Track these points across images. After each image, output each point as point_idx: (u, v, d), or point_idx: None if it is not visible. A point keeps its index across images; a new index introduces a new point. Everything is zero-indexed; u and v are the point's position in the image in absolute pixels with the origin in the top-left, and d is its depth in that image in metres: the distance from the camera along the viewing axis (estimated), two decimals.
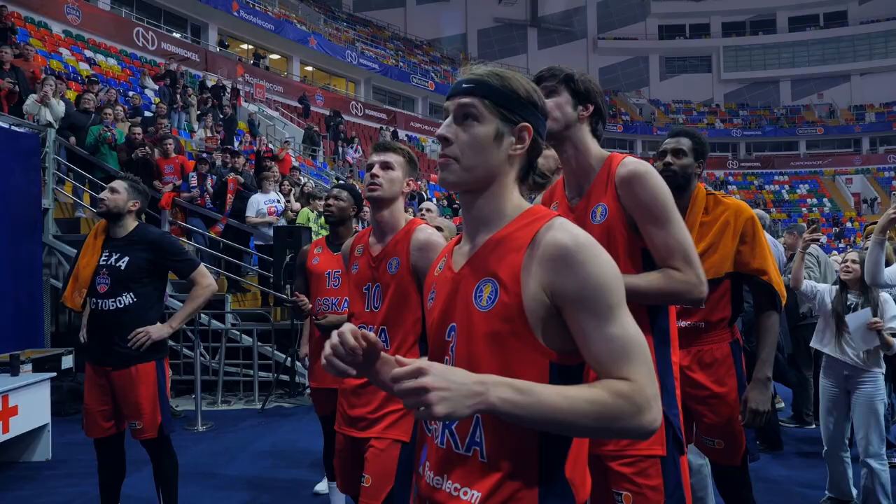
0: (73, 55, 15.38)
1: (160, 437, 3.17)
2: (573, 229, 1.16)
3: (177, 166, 8.36)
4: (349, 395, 2.34)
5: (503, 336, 1.15)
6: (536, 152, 1.27)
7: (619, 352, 1.10)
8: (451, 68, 38.03)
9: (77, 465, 4.91)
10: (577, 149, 1.88)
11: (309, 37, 28.27)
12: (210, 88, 16.62)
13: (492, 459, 1.17)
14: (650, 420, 1.09)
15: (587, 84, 1.88)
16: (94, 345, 3.18)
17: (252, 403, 7.07)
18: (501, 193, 1.24)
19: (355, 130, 25.89)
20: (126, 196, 3.22)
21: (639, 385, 1.09)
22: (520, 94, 1.23)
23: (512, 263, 1.17)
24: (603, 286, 1.11)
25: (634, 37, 42.89)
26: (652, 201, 1.77)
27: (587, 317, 1.11)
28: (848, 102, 41.25)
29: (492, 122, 1.21)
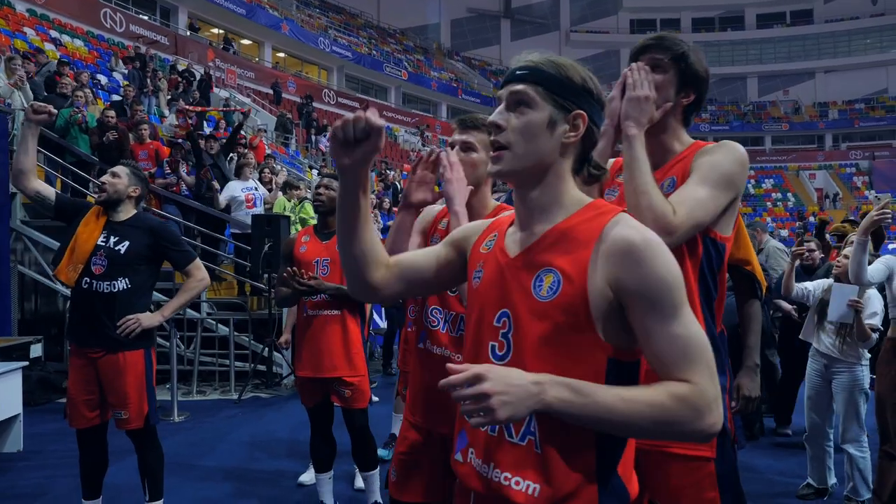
0: (38, 35, 14.91)
1: (146, 427, 3.11)
2: (639, 225, 1.15)
3: (151, 152, 8.18)
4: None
5: (563, 328, 1.13)
6: (591, 142, 1.24)
7: (681, 352, 1.09)
8: (423, 58, 37.85)
9: (50, 456, 4.79)
10: (665, 131, 1.75)
11: (281, 22, 27.85)
12: (181, 73, 16.27)
13: (546, 450, 1.15)
14: (710, 424, 1.07)
15: (698, 69, 1.71)
16: (81, 325, 3.09)
17: (228, 394, 6.98)
18: (557, 184, 1.22)
19: (328, 119, 25.60)
20: (127, 181, 3.15)
21: (699, 388, 1.07)
22: (574, 80, 1.21)
23: (578, 256, 1.15)
24: (668, 284, 1.10)
25: (606, 30, 43.17)
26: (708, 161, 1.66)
27: (651, 314, 1.10)
28: (812, 99, 42.17)
29: (545, 109, 1.19)
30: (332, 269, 3.42)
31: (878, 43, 40.75)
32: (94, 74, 14.03)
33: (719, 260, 1.73)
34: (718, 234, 1.71)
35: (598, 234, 1.14)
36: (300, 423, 5.65)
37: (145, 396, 3.08)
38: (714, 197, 1.63)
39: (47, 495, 4.03)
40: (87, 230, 3.11)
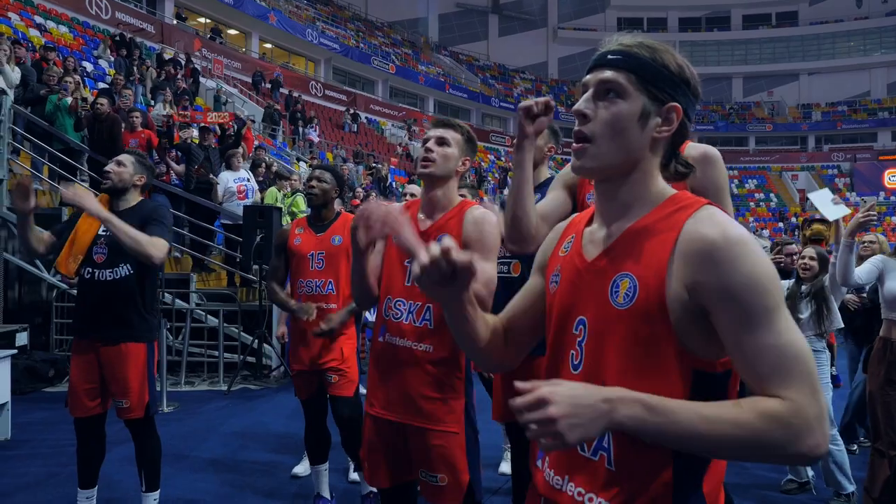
0: (23, 20, 14.68)
1: (146, 417, 3.09)
2: (722, 220, 1.03)
3: (142, 140, 8.09)
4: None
5: (641, 338, 1.04)
6: (682, 136, 1.13)
7: (774, 364, 0.96)
8: (411, 52, 37.73)
9: (39, 445, 4.75)
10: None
11: (269, 13, 27.60)
12: (168, 61, 16.10)
13: (620, 467, 1.06)
14: (811, 446, 0.94)
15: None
16: (86, 316, 3.06)
17: (217, 385, 6.95)
18: (644, 181, 1.12)
19: (315, 111, 25.46)
20: (132, 170, 3.12)
21: (797, 405, 0.94)
22: (671, 69, 1.10)
23: (655, 258, 1.05)
24: (755, 287, 0.98)
25: (594, 28, 43.28)
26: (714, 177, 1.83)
27: (736, 322, 0.98)
28: (796, 101, 42.60)
29: (637, 100, 1.08)
30: (326, 263, 3.40)
31: (861, 46, 41.25)
32: (80, 62, 13.85)
33: None
34: None
35: (677, 233, 1.04)
36: (290, 414, 5.65)
37: (146, 386, 3.06)
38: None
39: (37, 484, 3.99)
40: (87, 221, 3.08)
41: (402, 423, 2.12)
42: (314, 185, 3.42)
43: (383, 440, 2.17)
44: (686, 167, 1.16)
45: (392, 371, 2.14)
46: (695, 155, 1.83)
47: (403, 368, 2.11)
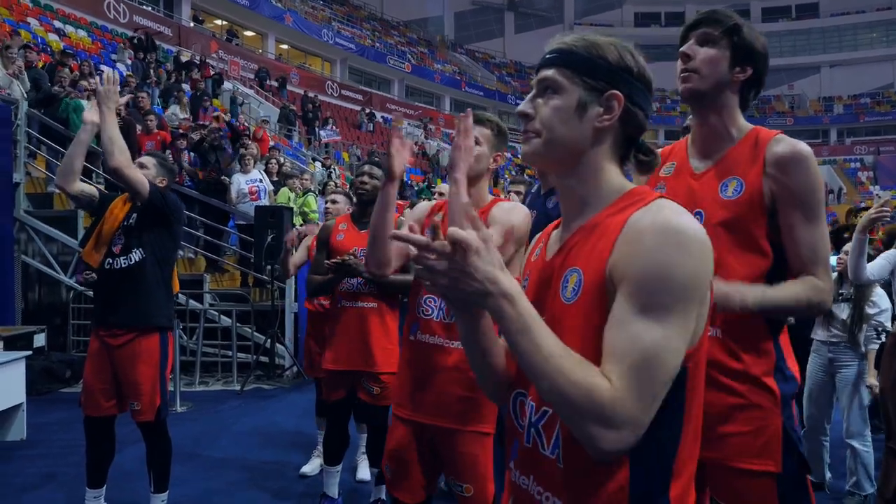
0: (42, 25, 14.90)
1: (156, 420, 3.11)
2: (668, 212, 1.00)
3: (157, 143, 8.17)
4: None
5: (589, 330, 1.02)
6: (635, 125, 1.12)
7: (626, 351, 0.95)
8: (427, 50, 37.75)
9: (53, 445, 4.81)
10: (720, 116, 1.62)
11: (284, 14, 27.76)
12: (186, 64, 16.25)
13: (569, 466, 1.04)
14: (610, 439, 0.93)
15: (754, 42, 1.59)
16: (102, 305, 3.12)
17: (230, 384, 7.00)
18: (593, 173, 1.12)
19: (331, 111, 25.56)
20: (154, 172, 3.17)
21: (619, 399, 0.93)
22: (609, 59, 1.10)
23: (598, 250, 1.04)
24: (654, 278, 0.96)
25: (610, 23, 42.98)
26: (811, 190, 1.54)
27: (626, 301, 0.97)
28: (817, 94, 41.99)
29: (573, 93, 1.10)
30: None
31: (884, 37, 40.53)
32: (98, 65, 14.02)
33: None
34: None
35: (622, 225, 1.03)
36: (302, 414, 5.67)
37: (158, 389, 3.08)
38: (825, 227, 1.57)
39: (50, 483, 4.05)
40: (112, 215, 3.14)
41: (432, 425, 2.05)
42: (366, 182, 3.28)
43: (413, 446, 2.09)
44: (647, 155, 1.15)
45: (423, 370, 2.08)
46: (780, 152, 1.57)
47: (435, 367, 2.05)
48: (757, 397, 1.56)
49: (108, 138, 2.87)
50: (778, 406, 1.56)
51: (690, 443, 1.06)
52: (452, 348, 2.04)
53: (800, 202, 1.54)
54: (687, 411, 1.04)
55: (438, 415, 2.04)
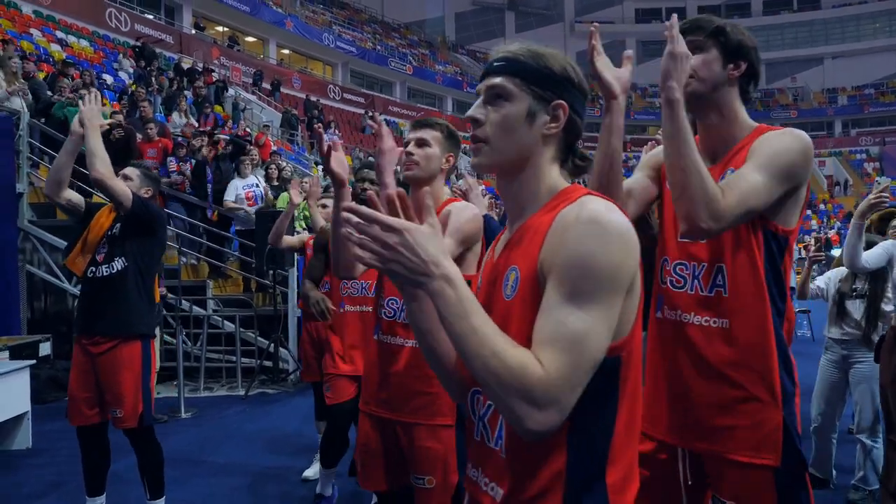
0: (44, 36, 14.99)
1: (140, 427, 3.13)
2: (591, 206, 1.06)
3: (159, 150, 8.22)
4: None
5: (526, 325, 1.06)
6: (575, 133, 1.18)
7: (552, 335, 1.00)
8: (428, 52, 37.77)
9: (58, 454, 4.84)
10: (722, 115, 1.66)
11: (285, 19, 27.85)
12: (187, 71, 16.32)
13: (511, 454, 1.10)
14: (537, 419, 0.97)
15: (740, 38, 1.65)
16: (84, 313, 3.16)
17: (235, 390, 7.03)
18: (536, 176, 1.17)
19: (333, 115, 25.62)
20: (139, 183, 3.21)
21: (547, 378, 0.97)
22: (554, 69, 1.16)
23: (532, 247, 1.10)
24: (577, 266, 1.01)
25: (611, 20, 42.89)
26: (770, 147, 1.56)
27: (553, 290, 1.02)
28: (821, 86, 41.77)
29: (523, 101, 1.15)
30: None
31: (887, 27, 40.30)
32: (100, 74, 14.10)
33: (781, 253, 1.62)
34: (780, 226, 1.61)
35: (552, 220, 1.09)
36: (304, 418, 5.68)
37: (140, 396, 3.11)
38: (768, 186, 1.53)
39: (55, 492, 4.08)
40: (98, 223, 3.20)
41: (395, 420, 2.15)
42: (367, 189, 3.24)
43: (379, 440, 2.20)
44: (583, 160, 1.21)
45: (384, 369, 2.17)
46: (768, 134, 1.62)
47: (394, 365, 2.14)
48: (758, 390, 1.57)
49: (90, 151, 2.93)
50: (779, 401, 1.58)
51: (626, 430, 1.11)
52: (409, 347, 2.11)
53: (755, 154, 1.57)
54: (621, 399, 1.09)
55: (397, 410, 2.14)
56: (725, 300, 1.60)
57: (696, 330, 1.62)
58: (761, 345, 1.58)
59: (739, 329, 1.59)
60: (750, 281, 1.59)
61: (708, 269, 1.63)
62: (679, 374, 1.65)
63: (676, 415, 1.66)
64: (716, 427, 1.58)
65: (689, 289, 1.65)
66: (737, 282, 1.59)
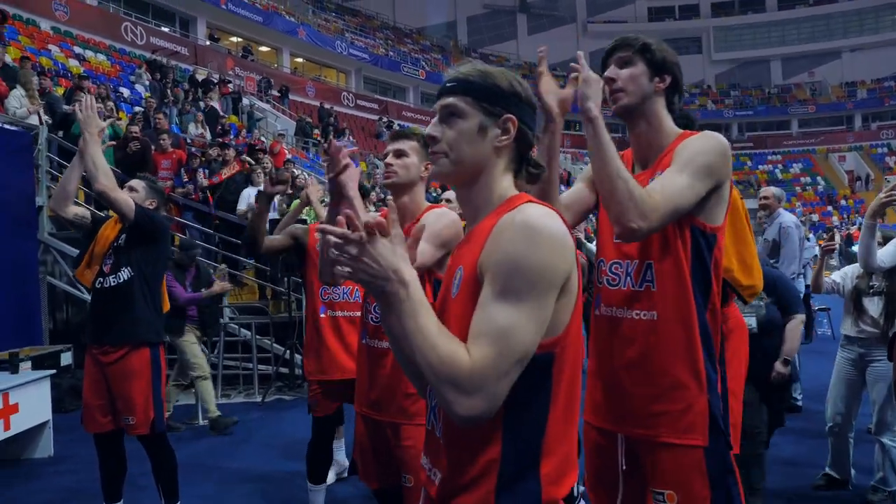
0: (62, 52, 15.27)
1: (152, 433, 3.18)
2: (528, 210, 1.15)
3: (174, 161, 8.34)
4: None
5: (466, 321, 1.15)
6: (525, 143, 1.28)
7: (482, 329, 1.10)
8: (441, 56, 37.87)
9: (78, 462, 4.92)
10: (650, 124, 1.80)
11: (298, 28, 28.09)
12: (202, 82, 16.53)
13: (448, 438, 1.19)
14: (465, 405, 1.07)
15: (664, 54, 1.78)
16: (93, 323, 3.23)
17: (252, 396, 7.09)
18: (489, 185, 1.27)
19: (348, 121, 25.77)
20: (144, 195, 3.28)
21: (474, 367, 1.07)
22: (502, 87, 1.26)
23: (474, 251, 1.20)
24: (508, 265, 1.11)
25: (624, 20, 42.72)
26: (688, 150, 1.69)
27: (486, 287, 1.12)
28: (839, 79, 41.23)
29: (475, 117, 1.25)
30: None
31: None
32: (117, 87, 14.33)
33: (709, 250, 1.74)
34: (707, 224, 1.73)
35: (493, 226, 1.18)
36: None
37: (151, 403, 3.16)
38: (691, 185, 1.66)
39: (75, 499, 4.16)
40: (104, 235, 3.28)
41: (384, 420, 2.25)
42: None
43: (371, 439, 2.30)
44: (536, 168, 1.31)
45: (372, 371, 2.27)
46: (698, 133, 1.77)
47: (381, 368, 2.24)
48: (684, 377, 1.70)
49: (91, 163, 2.96)
50: (704, 386, 1.70)
51: (561, 423, 1.17)
52: None
53: (676, 158, 1.70)
54: (554, 394, 1.17)
55: (385, 411, 2.24)
56: (654, 294, 1.73)
57: (629, 323, 1.76)
58: (686, 335, 1.70)
59: (666, 321, 1.71)
60: (675, 276, 1.71)
61: (639, 265, 1.76)
62: (614, 365, 1.78)
63: (614, 404, 1.79)
64: (649, 413, 1.71)
65: (622, 285, 1.79)
66: (664, 277, 1.72)
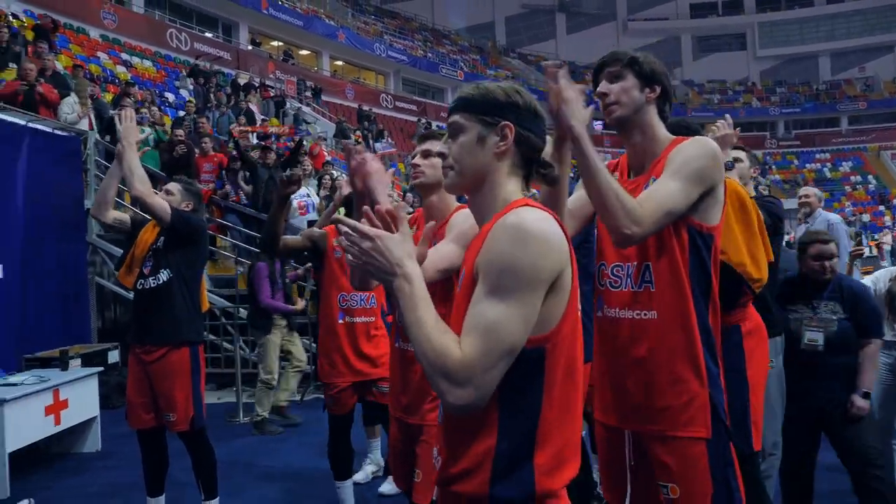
0: (111, 59, 15.74)
1: (192, 430, 3.27)
2: (521, 213, 1.22)
3: (215, 164, 8.52)
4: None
5: (464, 315, 1.24)
6: (529, 146, 1.36)
7: (472, 324, 1.18)
8: (479, 57, 37.86)
9: (124, 457, 5.06)
10: (644, 133, 1.88)
11: (337, 31, 28.41)
12: (244, 86, 16.85)
13: (447, 425, 1.27)
14: (457, 395, 1.16)
15: (652, 65, 1.87)
16: (135, 324, 3.34)
17: (292, 395, 7.19)
18: (492, 190, 1.35)
19: (387, 123, 25.96)
20: (180, 198, 3.36)
21: (464, 359, 1.16)
22: (498, 98, 1.36)
23: (474, 252, 1.29)
24: (496, 265, 1.19)
25: (665, 16, 42.07)
26: (679, 157, 1.77)
27: (481, 287, 1.20)
28: (892, 74, 39.79)
29: (473, 129, 1.35)
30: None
31: None
32: (162, 92, 14.71)
33: (708, 248, 1.80)
34: (704, 224, 1.79)
35: (491, 229, 1.26)
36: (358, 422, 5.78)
37: (191, 400, 3.24)
38: (683, 189, 1.73)
39: (121, 492, 4.29)
40: (143, 238, 3.36)
41: (415, 423, 2.26)
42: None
43: (402, 442, 2.32)
44: (545, 167, 1.41)
45: (403, 374, 2.28)
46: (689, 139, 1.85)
47: (411, 370, 2.25)
48: (685, 373, 1.76)
49: (128, 169, 3.10)
50: (704, 381, 1.76)
51: (556, 416, 1.23)
52: None
53: (668, 165, 1.78)
54: (548, 386, 1.23)
55: (415, 413, 2.27)
56: (653, 294, 1.79)
57: (631, 324, 1.82)
58: (685, 332, 1.77)
59: (665, 319, 1.78)
60: (672, 275, 1.77)
61: (637, 267, 1.82)
62: (618, 364, 1.85)
63: (619, 401, 1.85)
64: (652, 409, 1.78)
65: (623, 286, 1.85)
66: (661, 277, 1.78)
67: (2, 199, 6.13)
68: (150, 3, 22.15)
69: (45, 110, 7.59)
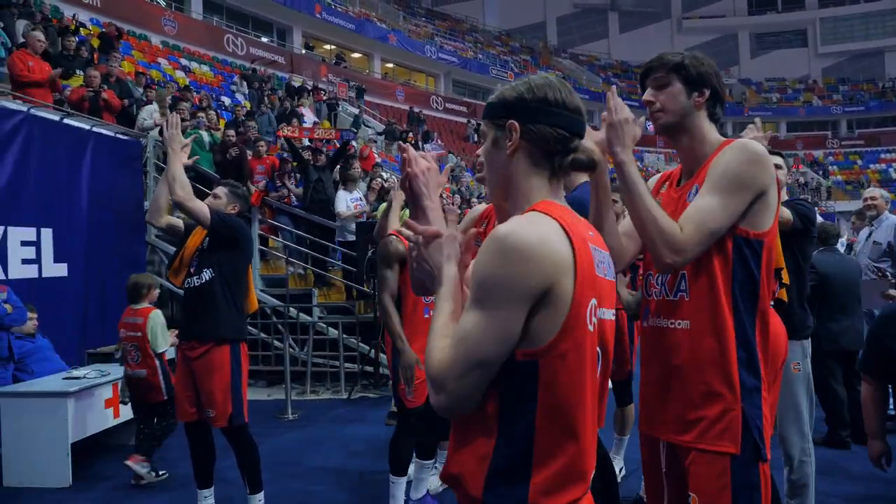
0: (171, 64, 16.31)
1: (230, 426, 3.36)
2: (514, 221, 1.22)
3: (268, 166, 8.74)
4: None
5: None
6: (541, 139, 1.31)
7: (454, 332, 1.22)
8: (530, 58, 37.68)
9: (174, 449, 5.23)
10: (693, 137, 1.83)
11: (389, 34, 28.73)
12: (298, 90, 17.20)
13: (455, 427, 1.30)
14: (434, 398, 1.21)
15: (700, 68, 1.80)
16: (183, 321, 3.50)
17: (339, 393, 7.33)
18: (515, 192, 1.35)
19: (437, 125, 26.10)
20: (226, 201, 3.49)
21: (439, 366, 1.20)
22: (507, 97, 1.35)
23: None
24: (483, 279, 1.19)
25: (722, 14, 41.07)
26: (722, 170, 1.71)
27: (469, 296, 1.23)
28: None
29: (490, 133, 1.37)
30: None
31: None
32: (218, 96, 15.15)
33: (755, 256, 1.73)
34: (751, 231, 1.72)
35: None
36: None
37: (230, 398, 3.34)
38: (723, 205, 1.68)
39: (174, 482, 4.45)
40: (193, 239, 3.51)
41: None
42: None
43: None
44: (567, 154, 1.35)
45: None
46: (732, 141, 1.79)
47: None
48: (718, 385, 1.72)
49: (170, 176, 3.26)
50: (738, 395, 1.71)
51: (556, 435, 1.19)
52: None
53: (708, 177, 1.73)
54: (543, 402, 1.19)
55: None
56: (687, 303, 1.76)
57: (667, 332, 1.80)
58: (719, 343, 1.72)
59: (699, 329, 1.74)
60: (708, 285, 1.73)
61: (672, 275, 1.79)
62: (657, 373, 1.84)
63: (656, 410, 1.84)
64: (685, 420, 1.75)
65: (658, 295, 1.84)
66: (696, 287, 1.74)
67: (67, 202, 6.43)
68: (208, 9, 22.84)
69: (108, 115, 7.92)
